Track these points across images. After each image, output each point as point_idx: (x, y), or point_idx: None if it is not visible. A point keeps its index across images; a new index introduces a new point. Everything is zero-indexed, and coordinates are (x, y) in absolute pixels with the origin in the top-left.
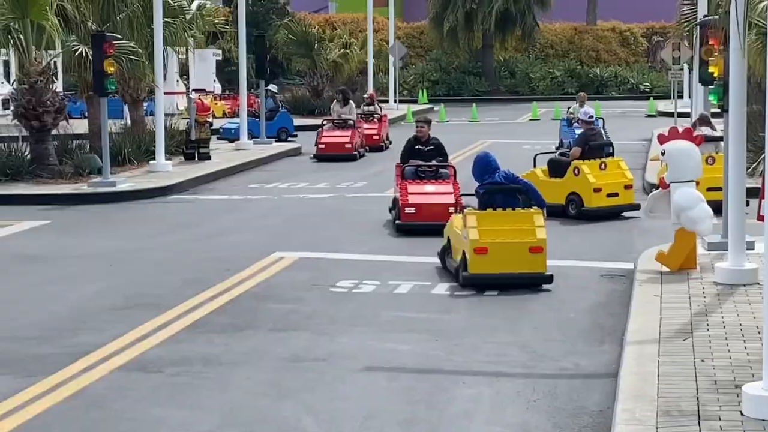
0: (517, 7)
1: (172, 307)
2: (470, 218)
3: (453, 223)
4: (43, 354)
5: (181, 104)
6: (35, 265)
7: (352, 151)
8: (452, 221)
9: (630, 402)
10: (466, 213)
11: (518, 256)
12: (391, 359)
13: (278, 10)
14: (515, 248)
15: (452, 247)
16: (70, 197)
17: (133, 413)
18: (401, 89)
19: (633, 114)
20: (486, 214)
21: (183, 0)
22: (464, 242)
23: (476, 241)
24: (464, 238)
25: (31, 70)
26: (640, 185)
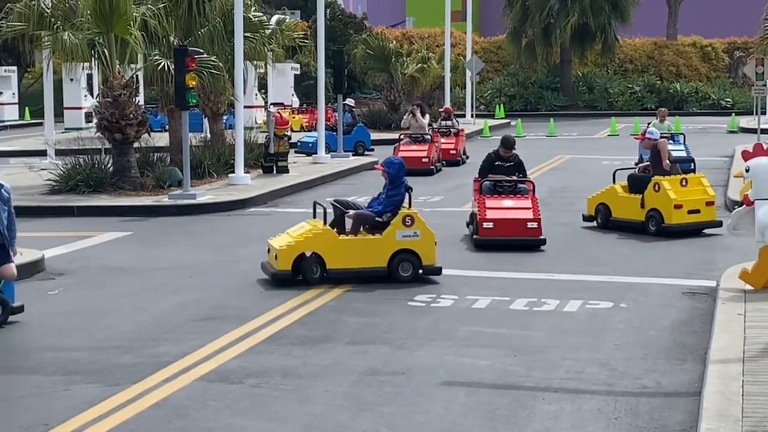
0: (596, 22)
1: (252, 318)
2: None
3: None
4: (127, 363)
5: (260, 118)
6: (118, 276)
7: (429, 165)
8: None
9: (714, 421)
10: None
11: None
12: (469, 374)
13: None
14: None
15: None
16: (151, 209)
17: (214, 423)
18: (478, 104)
19: (714, 130)
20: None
21: (263, 15)
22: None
23: None
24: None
25: (115, 83)
26: (722, 202)
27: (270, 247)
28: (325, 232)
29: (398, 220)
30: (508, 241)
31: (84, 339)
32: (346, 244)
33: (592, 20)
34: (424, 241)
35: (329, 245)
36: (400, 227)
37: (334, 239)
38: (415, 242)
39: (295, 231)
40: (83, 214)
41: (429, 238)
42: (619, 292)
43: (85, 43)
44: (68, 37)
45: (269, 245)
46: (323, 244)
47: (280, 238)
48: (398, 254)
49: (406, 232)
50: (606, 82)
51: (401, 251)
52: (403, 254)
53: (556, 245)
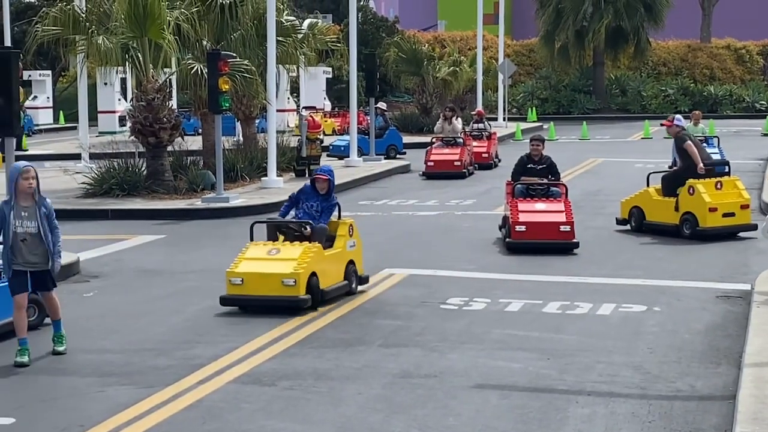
0: (629, 25)
1: (285, 321)
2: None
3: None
4: (161, 366)
5: (292, 121)
6: (152, 278)
7: (461, 168)
8: None
9: (749, 425)
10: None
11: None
12: (502, 377)
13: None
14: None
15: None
16: (185, 212)
17: (248, 425)
18: (510, 107)
19: (748, 133)
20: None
21: (295, 19)
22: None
23: None
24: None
25: (148, 87)
26: (756, 205)
27: (245, 275)
28: (319, 251)
29: (345, 230)
30: (540, 244)
31: (118, 341)
32: (328, 261)
33: (625, 23)
34: (359, 250)
35: (322, 264)
36: (348, 237)
37: (324, 257)
38: (355, 252)
39: (272, 254)
40: (117, 218)
41: (360, 247)
42: (652, 296)
43: (119, 47)
44: (102, 41)
45: (242, 274)
46: (319, 263)
47: (263, 264)
48: (348, 266)
49: (351, 242)
50: (639, 85)
51: (349, 262)
52: (350, 265)
53: (588, 248)
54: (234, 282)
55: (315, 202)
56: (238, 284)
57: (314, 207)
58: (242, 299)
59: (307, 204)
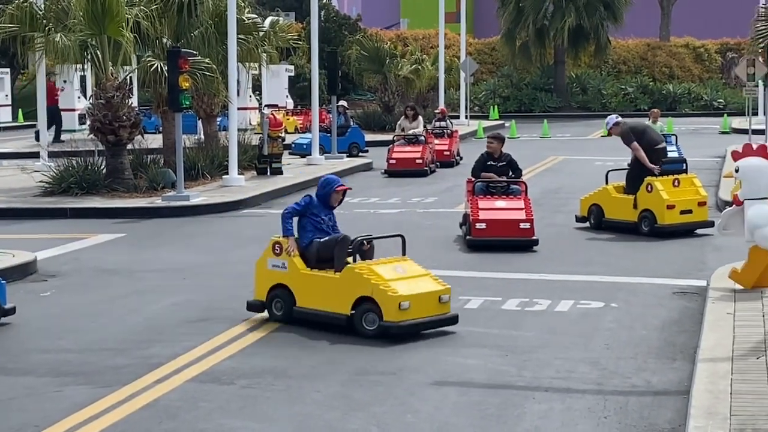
0: (589, 23)
1: (244, 320)
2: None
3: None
4: (119, 365)
5: (254, 119)
6: (111, 278)
7: (422, 166)
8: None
9: (702, 419)
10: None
11: None
12: (461, 373)
13: (350, 26)
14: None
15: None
16: (145, 211)
17: (205, 424)
18: (472, 105)
19: (706, 131)
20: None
21: (256, 17)
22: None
23: None
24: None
25: (108, 85)
26: (713, 202)
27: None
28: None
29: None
30: (500, 241)
31: (76, 341)
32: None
33: (586, 21)
34: None
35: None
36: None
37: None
38: None
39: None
40: (76, 216)
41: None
42: (610, 292)
43: (77, 44)
44: (60, 38)
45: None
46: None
47: (401, 283)
48: None
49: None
50: (599, 84)
51: None
52: None
53: (548, 246)
54: (403, 307)
55: (326, 216)
56: (405, 309)
57: (324, 221)
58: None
59: (315, 219)
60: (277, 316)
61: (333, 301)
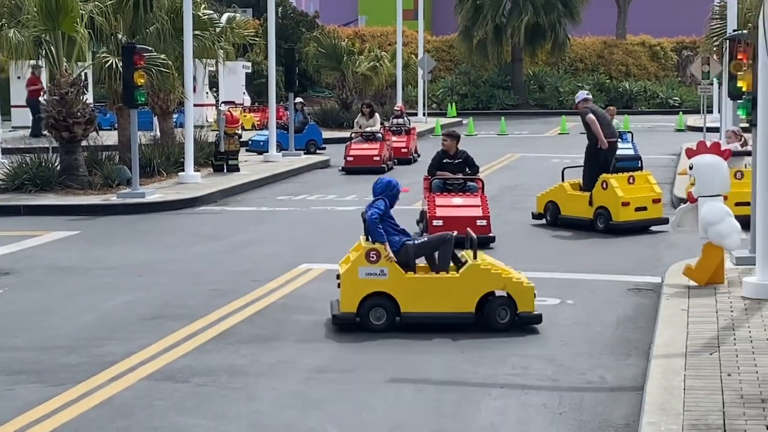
0: (547, 21)
1: (200, 317)
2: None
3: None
4: (72, 363)
5: (211, 116)
6: (65, 275)
7: (380, 164)
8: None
9: (656, 415)
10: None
11: None
12: (417, 371)
13: (308, 23)
14: None
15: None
16: (100, 208)
17: (159, 422)
18: (430, 102)
19: (662, 129)
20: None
21: (213, 13)
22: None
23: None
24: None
25: (62, 81)
26: (668, 199)
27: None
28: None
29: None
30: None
31: (29, 339)
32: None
33: (543, 19)
34: None
35: None
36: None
37: None
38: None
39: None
40: (30, 213)
41: None
42: (566, 289)
43: (31, 40)
44: (14, 34)
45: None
46: None
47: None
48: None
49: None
50: (557, 81)
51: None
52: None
53: (505, 242)
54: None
55: (393, 219)
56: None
57: (396, 223)
58: None
59: (392, 222)
60: (375, 326)
61: (453, 301)
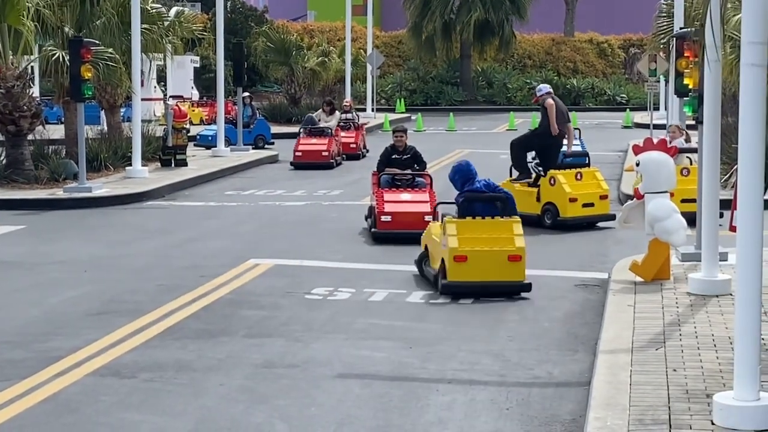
0: (495, 17)
1: (147, 312)
2: (450, 226)
3: (431, 231)
4: (17, 359)
5: (159, 110)
6: (10, 270)
7: (329, 159)
8: (430, 229)
9: (602, 410)
10: (446, 221)
11: (497, 264)
12: (365, 366)
13: (257, 17)
14: (494, 256)
15: (430, 255)
16: (46, 202)
17: (106, 418)
18: (379, 98)
19: (609, 125)
20: (465, 223)
21: (161, 7)
22: (443, 250)
23: (455, 249)
24: (443, 247)
25: (8, 74)
26: (615, 196)
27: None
28: None
29: None
30: (405, 234)
31: None
32: None
33: (492, 15)
34: None
35: None
36: None
37: None
38: None
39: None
40: None
41: None
42: None
43: None
44: None
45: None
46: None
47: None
48: None
49: None
50: (505, 78)
51: None
52: None
53: None
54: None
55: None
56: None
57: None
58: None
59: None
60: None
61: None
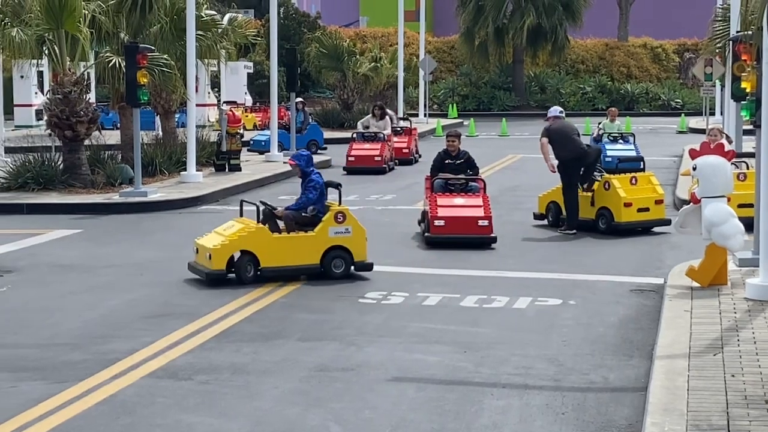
0: (548, 23)
1: (202, 315)
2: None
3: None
4: (75, 361)
5: (213, 116)
6: (67, 273)
7: (381, 164)
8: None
9: (659, 416)
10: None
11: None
12: (419, 370)
13: (309, 23)
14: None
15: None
16: (102, 206)
17: (162, 419)
18: (431, 103)
19: (664, 131)
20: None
21: (215, 13)
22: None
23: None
24: None
25: (65, 80)
26: (670, 201)
27: (199, 246)
28: (259, 230)
29: (330, 217)
30: (458, 238)
31: (32, 336)
32: (279, 242)
33: (544, 21)
34: (356, 237)
35: (263, 243)
36: (333, 224)
37: (268, 237)
38: (347, 239)
39: (225, 230)
40: (33, 212)
41: (360, 235)
42: (568, 289)
43: (34, 39)
44: (17, 33)
45: (197, 245)
46: (257, 242)
47: (211, 238)
48: (331, 251)
49: (338, 228)
50: (558, 83)
51: (333, 248)
52: (335, 251)
53: (506, 243)
54: (194, 250)
55: (301, 186)
56: (194, 253)
57: (301, 191)
58: (192, 267)
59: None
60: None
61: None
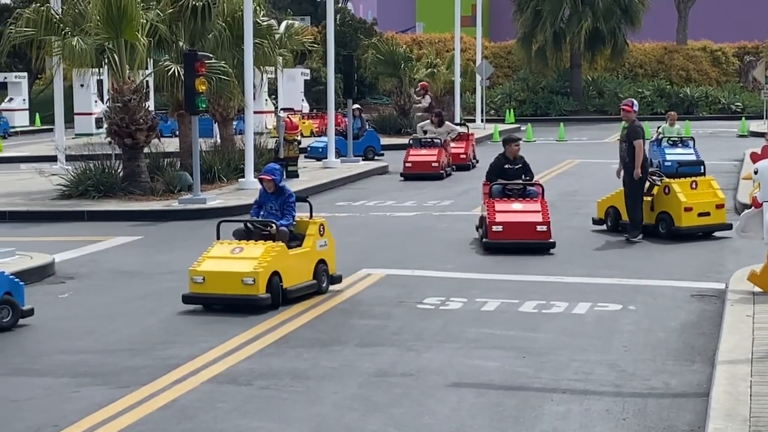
0: (606, 27)
1: (262, 321)
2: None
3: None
4: (136, 366)
5: (270, 123)
6: (128, 280)
7: (439, 170)
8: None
9: (722, 421)
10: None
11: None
12: (478, 375)
13: (366, 29)
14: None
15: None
16: (162, 213)
17: (223, 424)
18: (488, 109)
19: (724, 134)
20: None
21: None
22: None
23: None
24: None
25: (125, 88)
26: (731, 205)
27: (207, 274)
28: (282, 250)
29: (315, 230)
30: (517, 244)
31: (93, 342)
32: (292, 260)
33: (603, 25)
34: (330, 249)
35: (285, 263)
36: (318, 237)
37: (287, 256)
38: (327, 251)
39: (236, 253)
40: (93, 219)
41: (332, 247)
42: (628, 294)
43: (93, 48)
44: (77, 42)
45: (203, 273)
46: (282, 262)
47: (220, 263)
48: (318, 265)
49: (321, 241)
50: (616, 87)
51: (319, 262)
52: (320, 264)
53: (565, 248)
54: (196, 280)
55: (272, 202)
56: (199, 282)
57: (273, 207)
58: (203, 297)
59: (267, 206)
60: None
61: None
